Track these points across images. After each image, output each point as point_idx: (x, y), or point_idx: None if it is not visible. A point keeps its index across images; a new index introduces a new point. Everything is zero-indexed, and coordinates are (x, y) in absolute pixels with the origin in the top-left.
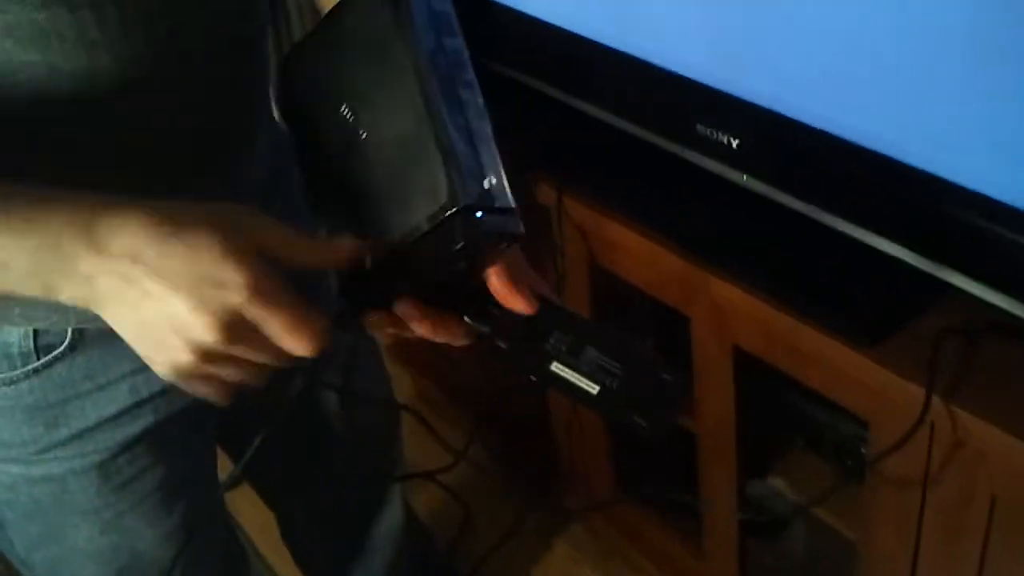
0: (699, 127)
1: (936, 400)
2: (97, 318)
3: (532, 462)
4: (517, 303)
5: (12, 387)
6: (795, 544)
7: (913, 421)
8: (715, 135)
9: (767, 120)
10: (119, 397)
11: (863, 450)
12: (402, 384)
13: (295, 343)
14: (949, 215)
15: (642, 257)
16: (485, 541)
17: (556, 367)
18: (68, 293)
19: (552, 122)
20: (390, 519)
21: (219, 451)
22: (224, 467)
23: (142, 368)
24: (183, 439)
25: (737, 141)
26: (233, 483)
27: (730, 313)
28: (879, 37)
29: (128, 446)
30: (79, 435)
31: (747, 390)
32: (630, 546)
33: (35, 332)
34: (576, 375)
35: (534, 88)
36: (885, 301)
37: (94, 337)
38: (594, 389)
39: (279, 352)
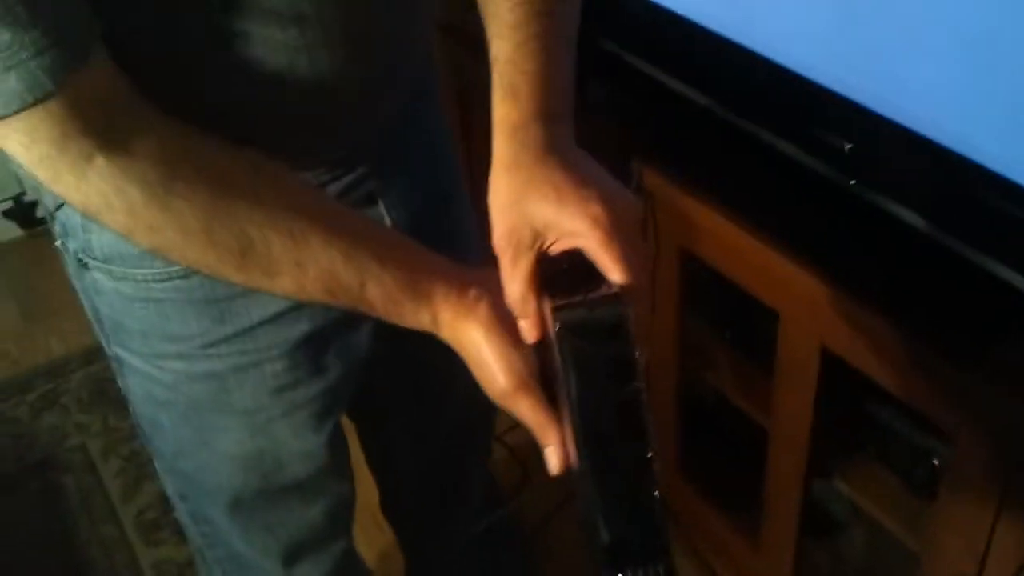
0: (812, 128)
1: None
2: None
3: None
4: None
5: (186, 280)
6: (852, 549)
7: (1001, 440)
8: (827, 137)
9: (883, 127)
10: (279, 299)
11: (936, 462)
12: None
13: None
14: None
15: (738, 249)
16: (539, 505)
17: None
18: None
19: (665, 111)
20: (479, 475)
21: None
22: None
23: None
24: (337, 359)
25: (850, 145)
26: None
27: (822, 313)
28: (1007, 57)
29: (287, 352)
30: (242, 333)
31: (827, 391)
32: (683, 529)
33: None
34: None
35: (652, 77)
36: (986, 320)
37: None
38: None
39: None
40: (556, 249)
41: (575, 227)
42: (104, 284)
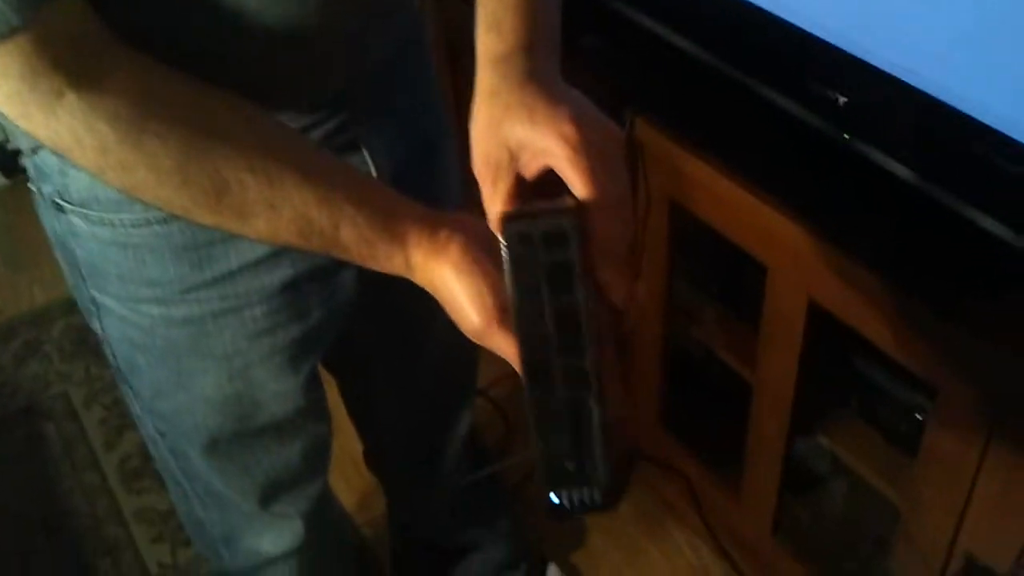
0: (809, 81)
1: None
2: None
3: None
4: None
5: (164, 226)
6: (833, 503)
7: (984, 395)
8: (823, 91)
9: (880, 82)
10: (260, 245)
11: (919, 417)
12: None
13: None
14: None
15: (728, 202)
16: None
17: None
18: (387, 270)
19: (658, 62)
20: (462, 425)
21: None
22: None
23: None
24: (319, 304)
25: (845, 99)
26: None
27: (810, 266)
28: (1002, 12)
29: (267, 297)
30: (221, 278)
31: (813, 346)
32: (667, 483)
33: None
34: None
35: (646, 27)
36: (974, 273)
37: None
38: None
39: None
40: (530, 169)
41: (546, 145)
42: (80, 228)
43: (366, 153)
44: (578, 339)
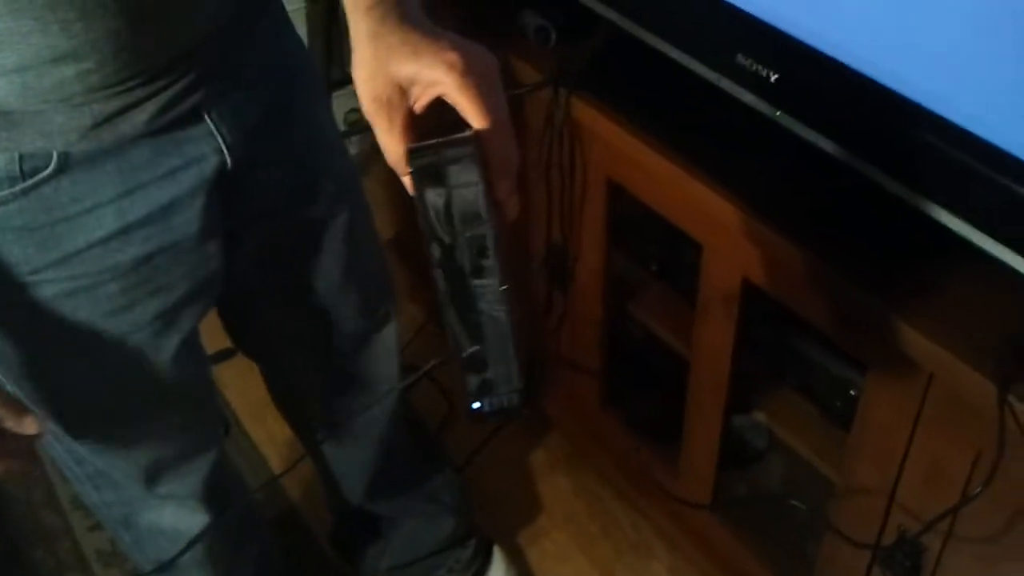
0: (739, 57)
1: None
2: (83, 141)
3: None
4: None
5: (2, 207)
6: (770, 479)
7: (914, 370)
8: (754, 67)
9: (808, 58)
10: (106, 222)
11: (853, 392)
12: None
13: None
14: (982, 175)
15: (663, 180)
16: (465, 440)
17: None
18: None
19: (594, 40)
20: (385, 369)
21: None
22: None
23: (128, 192)
24: (179, 278)
25: (776, 76)
26: (222, 357)
27: (745, 246)
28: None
29: (120, 274)
30: (68, 258)
31: (748, 324)
32: (606, 460)
33: (20, 157)
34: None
35: (581, 4)
36: (903, 250)
37: (79, 161)
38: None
39: None
40: (421, 103)
41: (433, 75)
42: None
43: (211, 123)
44: (488, 261)
